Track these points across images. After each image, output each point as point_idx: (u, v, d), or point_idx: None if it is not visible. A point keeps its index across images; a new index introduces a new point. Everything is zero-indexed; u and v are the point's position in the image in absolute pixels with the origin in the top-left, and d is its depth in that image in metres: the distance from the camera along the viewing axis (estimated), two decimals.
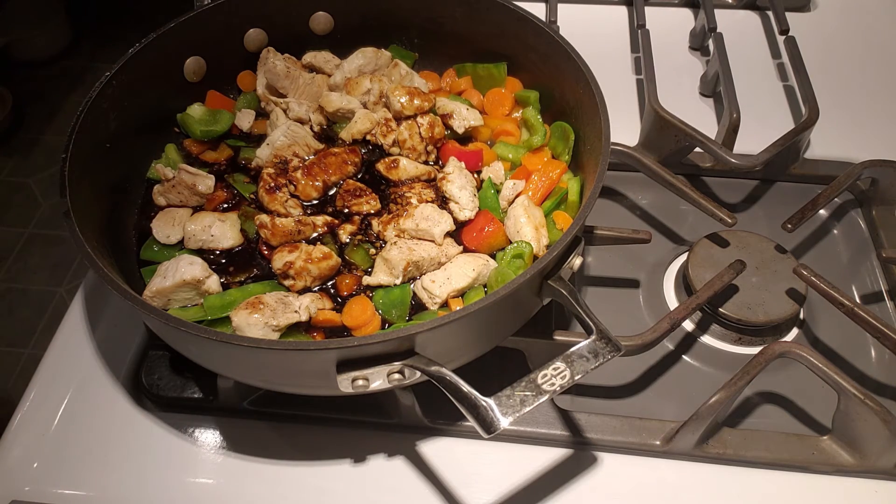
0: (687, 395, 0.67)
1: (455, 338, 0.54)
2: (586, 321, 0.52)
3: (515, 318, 0.59)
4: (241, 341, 0.51)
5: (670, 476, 0.64)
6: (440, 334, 0.51)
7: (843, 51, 1.02)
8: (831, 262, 0.79)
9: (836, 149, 0.88)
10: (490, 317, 0.54)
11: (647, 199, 0.85)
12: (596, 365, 0.48)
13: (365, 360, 0.50)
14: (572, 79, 0.70)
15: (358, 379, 0.51)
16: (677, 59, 1.01)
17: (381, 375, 0.51)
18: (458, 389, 0.48)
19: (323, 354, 0.50)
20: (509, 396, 0.47)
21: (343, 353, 0.50)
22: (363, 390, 0.52)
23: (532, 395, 0.47)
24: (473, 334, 0.56)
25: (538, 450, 0.65)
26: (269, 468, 0.65)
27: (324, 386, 0.54)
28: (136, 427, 0.68)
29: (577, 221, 0.56)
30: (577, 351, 0.49)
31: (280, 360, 0.53)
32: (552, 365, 0.48)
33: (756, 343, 0.72)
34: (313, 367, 0.53)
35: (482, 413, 0.46)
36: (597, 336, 0.50)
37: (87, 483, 0.64)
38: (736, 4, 1.09)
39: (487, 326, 0.57)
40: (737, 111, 0.83)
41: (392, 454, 0.66)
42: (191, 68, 0.78)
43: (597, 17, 1.08)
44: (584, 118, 0.69)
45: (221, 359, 0.58)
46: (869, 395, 0.59)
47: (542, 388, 0.47)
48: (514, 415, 0.46)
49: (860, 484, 0.63)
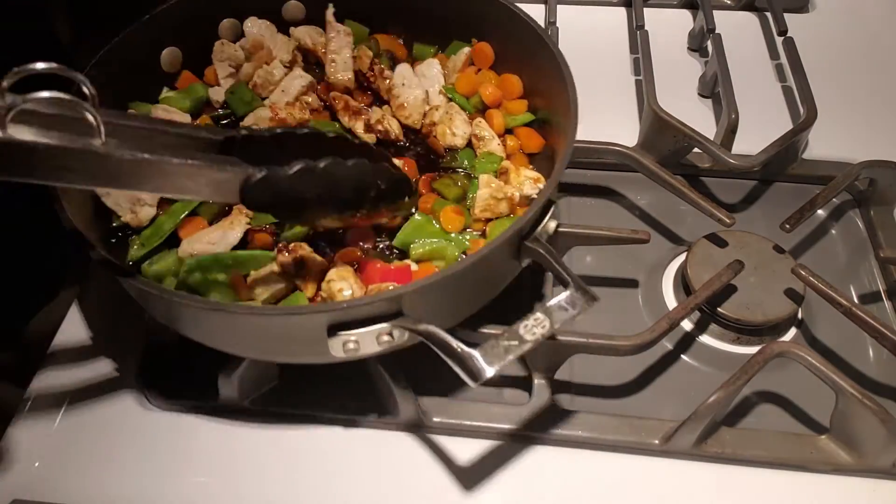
0: (685, 395, 0.67)
1: (440, 298, 0.57)
2: (563, 275, 0.55)
3: (496, 280, 0.63)
4: (235, 309, 0.53)
5: (668, 475, 0.64)
6: (426, 294, 0.53)
7: (842, 52, 1.03)
8: (829, 263, 0.80)
9: (835, 149, 0.88)
10: (472, 276, 0.57)
11: (646, 199, 0.85)
12: (574, 314, 0.51)
13: (355, 323, 0.53)
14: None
15: (349, 342, 0.53)
16: (676, 60, 1.02)
17: (372, 337, 0.53)
18: (446, 343, 0.49)
19: (315, 318, 0.52)
20: (493, 346, 0.49)
21: (333, 316, 0.52)
22: (354, 354, 0.54)
23: (515, 345, 0.49)
24: (457, 295, 0.59)
25: (537, 449, 0.66)
26: (269, 468, 0.65)
27: (316, 352, 0.56)
28: (137, 426, 0.68)
29: (550, 184, 0.60)
30: (555, 303, 0.52)
31: (272, 325, 0.55)
32: (533, 316, 0.50)
33: (754, 343, 0.73)
34: (306, 331, 0.54)
35: (469, 363, 0.48)
36: (574, 288, 0.53)
37: (88, 482, 0.65)
38: (734, 6, 1.09)
39: (470, 287, 0.60)
40: (735, 112, 0.83)
41: (392, 454, 0.66)
42: (167, 59, 0.78)
43: (595, 18, 1.08)
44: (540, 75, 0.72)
45: (211, 328, 0.58)
46: (867, 395, 0.59)
47: (524, 337, 0.49)
48: (499, 363, 0.48)
49: (858, 483, 0.63)
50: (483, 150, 0.74)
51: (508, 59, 0.79)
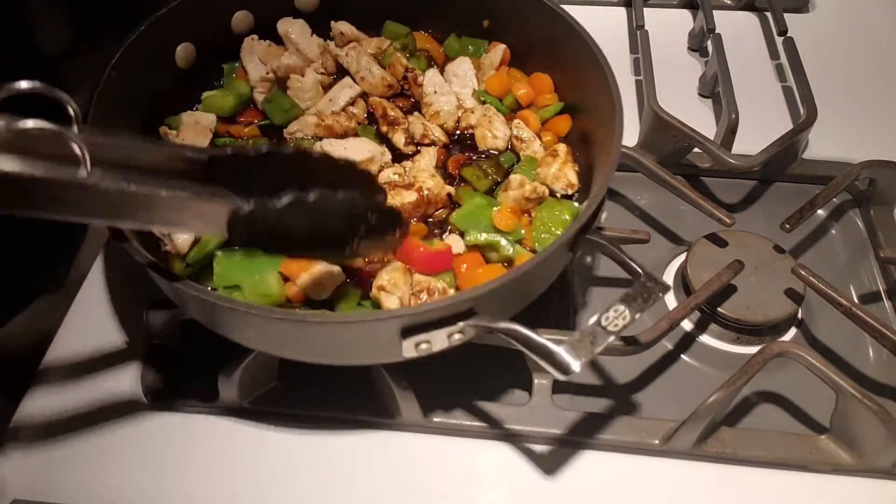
0: (685, 395, 0.67)
1: (507, 294, 0.58)
2: (631, 265, 0.58)
3: (552, 273, 0.64)
4: (309, 318, 0.54)
5: (669, 475, 0.64)
6: (499, 293, 0.54)
7: (842, 52, 1.03)
8: (829, 262, 0.80)
9: (835, 149, 0.88)
10: (537, 272, 0.58)
11: (646, 199, 0.85)
12: (651, 303, 0.53)
13: (429, 325, 0.54)
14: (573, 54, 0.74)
15: (421, 343, 0.54)
16: (676, 60, 1.02)
17: (444, 336, 0.54)
18: (531, 339, 0.51)
19: (389, 323, 0.53)
20: (579, 340, 0.50)
21: (408, 321, 0.53)
22: (427, 352, 0.55)
23: (600, 337, 0.50)
24: (521, 289, 0.60)
25: (537, 449, 0.66)
26: (269, 468, 0.65)
27: (387, 353, 0.57)
28: (137, 427, 0.68)
29: (605, 180, 0.62)
30: (630, 293, 0.53)
31: (347, 333, 0.56)
32: (612, 308, 0.52)
33: (754, 343, 0.73)
34: (379, 336, 0.55)
35: (556, 358, 0.49)
36: (645, 277, 0.55)
37: (88, 482, 0.64)
38: (734, 5, 1.09)
39: (532, 281, 0.61)
40: (735, 112, 0.83)
41: (392, 454, 0.66)
42: (182, 55, 0.77)
43: (596, 18, 1.07)
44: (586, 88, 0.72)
45: (277, 338, 0.59)
46: (867, 395, 0.59)
47: (607, 329, 0.51)
48: (587, 356, 0.49)
49: (858, 483, 0.63)
50: (525, 152, 0.74)
51: (531, 53, 0.81)
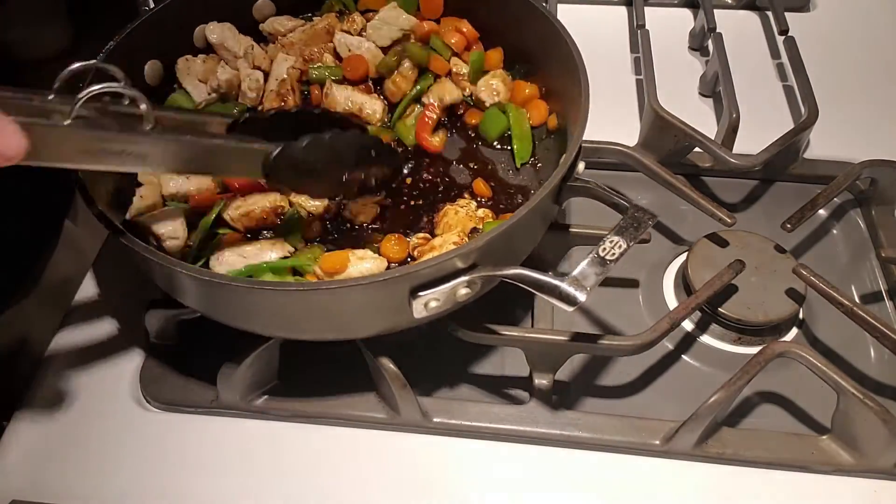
0: (686, 395, 0.67)
1: (504, 245, 0.59)
2: (617, 200, 0.61)
3: (542, 225, 0.66)
4: (326, 285, 0.54)
5: (669, 476, 0.64)
6: (497, 242, 0.56)
7: (843, 51, 1.02)
8: (831, 262, 0.80)
9: (836, 149, 0.88)
10: (528, 222, 0.59)
11: (647, 198, 0.85)
12: (643, 230, 0.56)
13: (436, 281, 0.55)
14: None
15: (431, 301, 0.55)
16: (677, 60, 1.02)
17: (451, 292, 0.56)
18: (537, 279, 0.53)
19: (399, 282, 0.54)
20: (581, 272, 0.53)
21: (415, 278, 0.54)
22: (437, 311, 0.56)
23: (600, 268, 0.53)
24: (516, 241, 0.62)
25: (537, 449, 0.66)
26: (268, 468, 0.65)
27: (399, 318, 0.58)
28: (137, 427, 0.68)
29: (580, 127, 0.63)
30: (622, 224, 0.56)
31: (359, 298, 0.56)
32: (608, 239, 0.55)
33: (755, 343, 0.72)
34: (391, 298, 0.56)
35: (563, 291, 0.52)
36: (633, 209, 0.57)
37: (87, 482, 0.64)
38: (735, 5, 1.09)
39: (524, 232, 0.63)
40: (736, 111, 0.83)
41: (392, 454, 0.66)
42: (150, 73, 0.75)
43: (596, 18, 1.08)
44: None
45: (289, 316, 0.59)
46: (868, 395, 0.59)
47: (605, 259, 0.54)
48: (590, 285, 0.52)
49: (859, 483, 0.63)
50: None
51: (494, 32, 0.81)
